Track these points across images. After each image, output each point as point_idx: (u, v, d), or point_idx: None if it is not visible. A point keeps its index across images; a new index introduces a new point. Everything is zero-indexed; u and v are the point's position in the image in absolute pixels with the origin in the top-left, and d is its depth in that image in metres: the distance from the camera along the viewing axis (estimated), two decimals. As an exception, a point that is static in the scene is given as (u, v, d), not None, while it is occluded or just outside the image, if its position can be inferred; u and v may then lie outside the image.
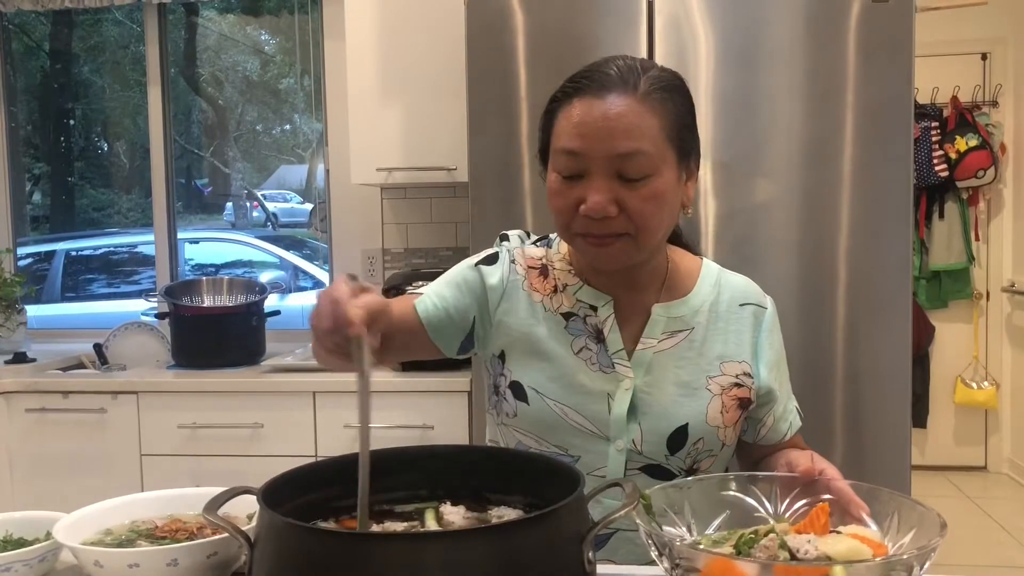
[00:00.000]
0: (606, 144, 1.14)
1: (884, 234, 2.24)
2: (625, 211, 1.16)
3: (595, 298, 1.28)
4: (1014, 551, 3.79)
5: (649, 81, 1.17)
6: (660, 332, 1.27)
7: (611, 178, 1.15)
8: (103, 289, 4.95)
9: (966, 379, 4.82)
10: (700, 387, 1.26)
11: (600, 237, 1.18)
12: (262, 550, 0.88)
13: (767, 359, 1.31)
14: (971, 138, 4.59)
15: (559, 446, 1.26)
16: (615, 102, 1.15)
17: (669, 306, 1.29)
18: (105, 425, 2.78)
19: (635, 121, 1.14)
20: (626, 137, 1.14)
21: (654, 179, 1.16)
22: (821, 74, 2.24)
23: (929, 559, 0.85)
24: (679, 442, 1.24)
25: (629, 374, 1.25)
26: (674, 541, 0.90)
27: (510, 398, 1.28)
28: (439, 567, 0.81)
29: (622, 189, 1.15)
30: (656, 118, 1.16)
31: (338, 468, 1.07)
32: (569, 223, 1.20)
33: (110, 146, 4.76)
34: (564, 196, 1.19)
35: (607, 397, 1.24)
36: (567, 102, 1.19)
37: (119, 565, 1.03)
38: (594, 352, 1.26)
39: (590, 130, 1.15)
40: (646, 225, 1.17)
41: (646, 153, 1.15)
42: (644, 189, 1.15)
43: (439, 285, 1.33)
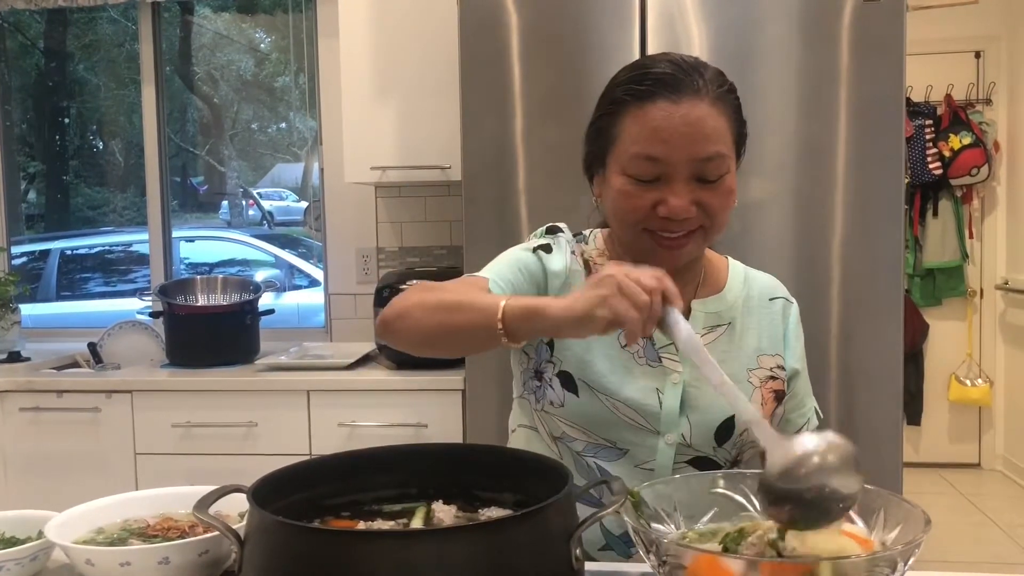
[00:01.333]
0: (688, 150, 1.16)
1: (877, 232, 2.25)
2: (702, 207, 1.18)
3: None
4: (1007, 547, 3.80)
5: (714, 82, 1.19)
6: (700, 327, 1.29)
7: (690, 181, 1.17)
8: (99, 288, 4.94)
9: (960, 376, 4.84)
10: (742, 379, 1.28)
11: (674, 238, 1.20)
12: (252, 549, 0.88)
13: (794, 351, 1.35)
14: (965, 136, 4.61)
15: (608, 439, 1.27)
16: (693, 106, 1.16)
17: (706, 302, 1.31)
18: (99, 424, 2.78)
19: (713, 125, 1.17)
20: (707, 142, 1.16)
21: (727, 177, 1.20)
22: (813, 73, 2.24)
23: (913, 555, 0.86)
24: (726, 434, 1.26)
25: (678, 368, 1.27)
26: (662, 538, 0.91)
27: (557, 387, 1.28)
28: (428, 565, 0.82)
29: (701, 190, 1.18)
30: (726, 119, 1.19)
31: (329, 467, 1.08)
32: (642, 220, 1.20)
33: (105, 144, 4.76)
34: (639, 198, 1.19)
35: (656, 392, 1.25)
36: (636, 105, 1.19)
37: (110, 564, 1.04)
38: (641, 347, 1.27)
39: (671, 135, 1.16)
40: (720, 219, 1.21)
41: (724, 155, 1.18)
42: (721, 187, 1.19)
43: (501, 268, 1.29)
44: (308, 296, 4.39)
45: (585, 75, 2.31)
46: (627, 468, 1.26)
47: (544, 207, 2.37)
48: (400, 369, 2.78)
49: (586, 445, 1.28)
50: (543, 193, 2.37)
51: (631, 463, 1.27)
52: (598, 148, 1.26)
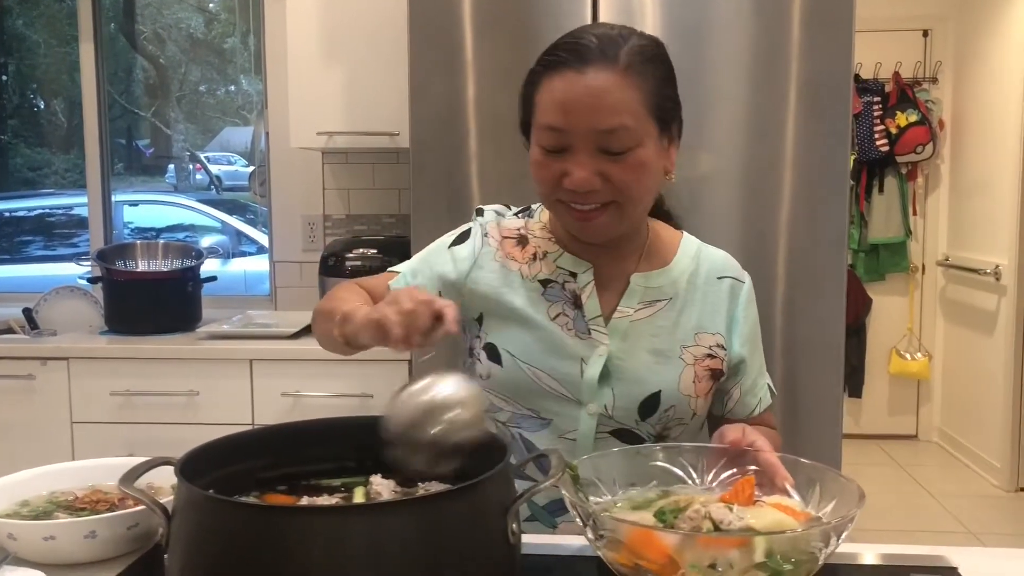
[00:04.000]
0: (589, 120, 1.14)
1: (822, 208, 2.26)
2: (609, 182, 1.17)
3: (575, 265, 1.30)
4: (940, 516, 3.91)
5: (630, 52, 1.16)
6: (637, 302, 1.29)
7: (594, 152, 1.16)
8: (39, 252, 4.82)
9: (900, 350, 4.94)
10: (674, 356, 1.27)
11: (585, 211, 1.19)
12: (180, 523, 0.86)
13: (741, 332, 1.33)
14: (911, 114, 4.67)
15: (532, 409, 1.27)
16: (597, 77, 1.14)
17: (648, 276, 1.30)
18: (34, 392, 2.71)
19: (618, 96, 1.14)
20: (609, 113, 1.14)
21: (637, 150, 1.17)
22: (764, 47, 2.24)
23: (847, 529, 0.87)
24: (651, 408, 1.25)
25: (604, 340, 1.26)
26: (599, 512, 0.91)
27: (484, 359, 1.29)
28: (362, 540, 0.80)
29: (606, 162, 1.16)
30: (637, 91, 1.16)
31: (263, 439, 1.06)
32: (552, 192, 1.21)
33: (46, 104, 4.61)
34: (547, 168, 1.19)
35: (580, 361, 1.25)
36: (548, 76, 1.18)
37: (34, 538, 1.01)
38: (571, 318, 1.27)
39: (573, 106, 1.14)
40: (631, 194, 1.19)
41: (629, 128, 1.15)
42: (628, 160, 1.16)
43: (416, 263, 1.36)
44: (255, 263, 4.32)
45: (537, 42, 2.25)
46: (550, 438, 1.27)
47: (494, 175, 2.34)
48: (346, 338, 2.74)
49: (511, 415, 1.29)
50: (493, 161, 2.34)
51: (554, 433, 1.26)
52: (523, 117, 1.27)
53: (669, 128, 1.22)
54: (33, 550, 1.02)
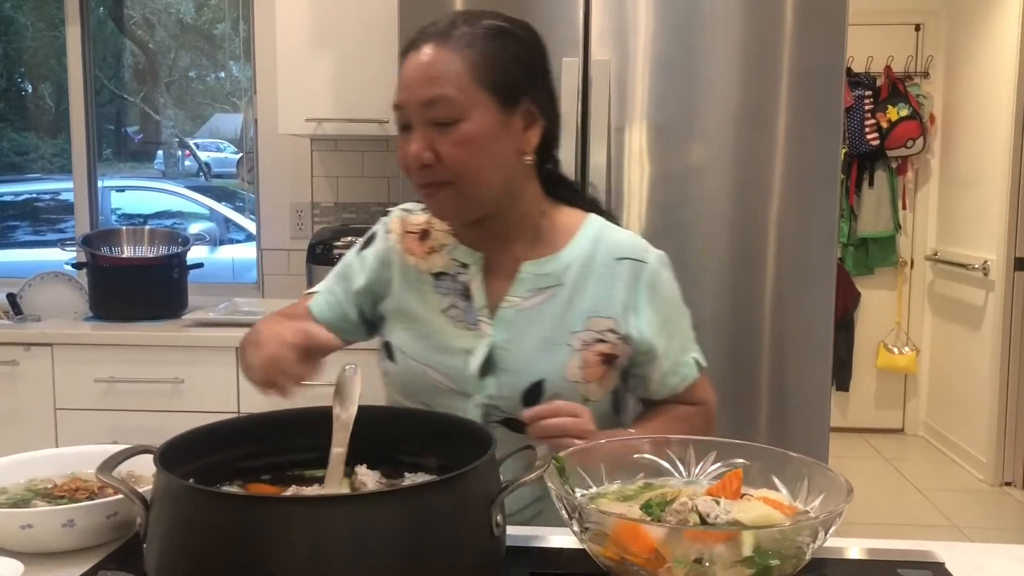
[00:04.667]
0: (417, 92, 1.17)
1: (813, 201, 2.26)
2: (441, 158, 1.18)
3: (467, 256, 1.30)
4: (925, 510, 3.93)
5: (465, 27, 1.19)
6: (526, 290, 1.27)
7: (426, 126, 1.18)
8: (26, 236, 4.78)
9: (888, 344, 4.95)
10: (560, 343, 1.25)
11: (427, 187, 1.21)
12: (158, 513, 0.84)
13: (648, 317, 1.29)
14: (902, 108, 4.67)
15: (424, 403, 1.28)
16: (426, 52, 1.18)
17: (539, 263, 1.28)
18: (17, 378, 2.68)
19: (440, 68, 1.17)
20: (431, 83, 1.17)
21: (463, 124, 1.17)
22: (757, 39, 2.23)
23: (835, 524, 0.86)
24: (534, 397, 1.24)
25: (489, 331, 1.26)
26: (585, 504, 0.90)
27: (383, 358, 1.34)
28: (345, 531, 0.79)
29: (436, 136, 1.17)
30: (463, 63, 1.17)
31: (244, 428, 1.05)
32: (406, 174, 1.23)
33: (34, 88, 4.57)
34: (401, 150, 1.22)
35: (466, 354, 1.25)
36: (403, 61, 1.22)
37: (11, 527, 0.99)
38: (461, 309, 1.28)
39: (407, 82, 1.19)
40: (464, 171, 1.18)
41: (450, 97, 1.16)
42: (454, 134, 1.17)
43: (330, 280, 1.39)
44: (243, 251, 4.30)
45: (528, 31, 2.26)
46: None
47: (483, 166, 2.33)
48: (333, 327, 2.73)
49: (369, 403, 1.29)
50: (482, 151, 2.33)
51: None
52: None
53: (516, 105, 1.20)
54: (10, 538, 1.00)
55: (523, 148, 1.23)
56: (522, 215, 1.28)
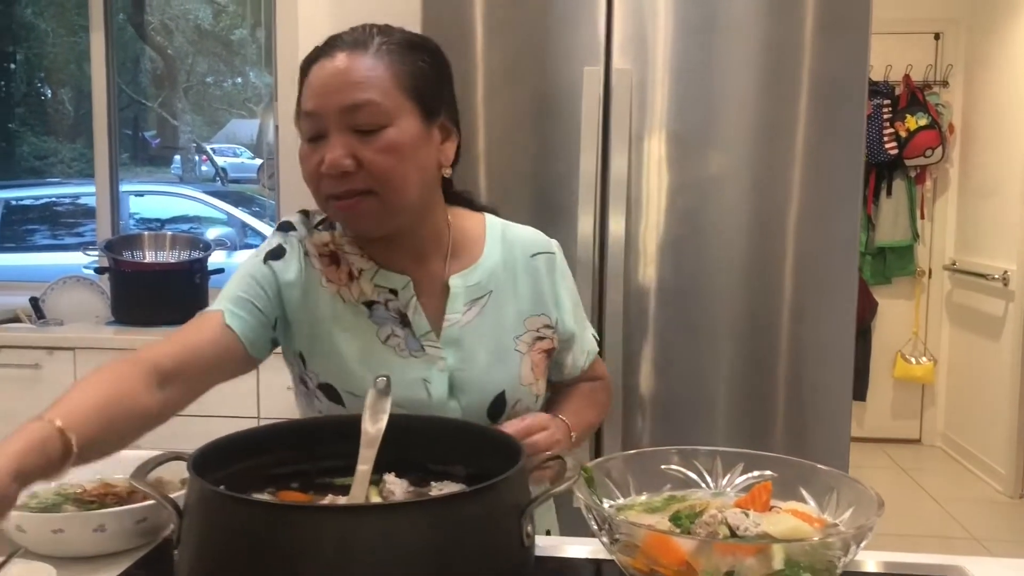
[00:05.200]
0: (336, 98, 1.12)
1: (833, 210, 2.25)
2: (363, 166, 1.13)
3: (393, 281, 1.23)
4: (943, 522, 3.90)
5: (383, 39, 1.17)
6: (462, 304, 1.24)
7: (346, 133, 1.12)
8: (45, 240, 4.82)
9: (905, 354, 4.93)
10: (509, 350, 1.25)
11: (344, 197, 1.14)
12: (191, 520, 0.85)
13: (566, 305, 1.31)
14: (921, 117, 4.65)
15: None
16: (344, 59, 1.14)
17: (464, 275, 1.25)
18: (39, 381, 2.71)
19: (365, 73, 1.13)
20: (354, 89, 1.12)
21: (389, 130, 1.13)
22: (778, 48, 2.23)
23: (866, 537, 0.86)
24: (499, 409, 1.23)
25: (441, 355, 1.22)
26: (614, 515, 0.90)
27: (323, 398, 1.23)
28: (375, 541, 0.79)
29: (358, 143, 1.12)
30: (387, 70, 1.14)
31: (276, 435, 1.05)
32: (318, 188, 1.17)
33: (54, 93, 4.61)
34: (309, 160, 1.15)
35: (424, 383, 1.21)
36: (307, 71, 1.18)
37: (43, 531, 1.00)
38: (401, 338, 1.22)
39: (322, 89, 1.14)
40: (388, 180, 1.13)
41: (376, 103, 1.12)
42: (379, 141, 1.12)
43: (233, 292, 1.22)
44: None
45: (548, 42, 2.26)
46: None
47: (503, 173, 2.33)
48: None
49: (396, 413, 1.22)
50: (501, 159, 2.33)
51: None
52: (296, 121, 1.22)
53: (436, 118, 1.19)
54: (41, 542, 1.02)
55: (441, 161, 1.21)
56: (435, 229, 1.25)
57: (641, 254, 2.26)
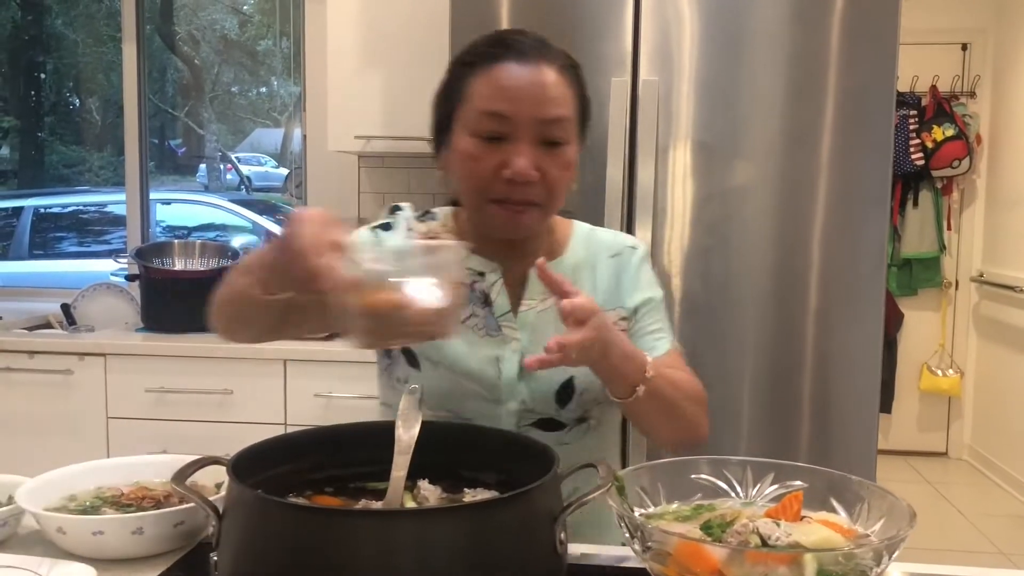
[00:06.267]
0: (534, 110, 1.16)
1: (860, 222, 2.25)
2: (543, 178, 1.18)
3: (483, 265, 1.29)
4: (970, 536, 3.86)
5: (562, 55, 1.22)
6: (539, 293, 1.28)
7: (534, 143, 1.17)
8: (73, 248, 4.88)
9: (932, 366, 4.89)
10: None
11: (517, 205, 1.19)
12: (231, 523, 0.87)
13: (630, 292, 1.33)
14: (948, 128, 4.62)
15: (451, 411, 1.27)
16: (540, 69, 1.18)
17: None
18: (71, 387, 2.74)
19: (560, 89, 1.19)
20: (552, 103, 1.17)
21: (569, 147, 1.20)
22: (804, 58, 2.23)
23: (898, 548, 0.86)
24: (567, 395, 1.26)
25: (516, 335, 1.27)
26: (646, 524, 0.90)
27: (403, 364, 1.30)
28: (410, 545, 0.81)
29: (543, 155, 1.18)
30: (571, 90, 1.21)
31: (311, 440, 1.07)
32: (486, 189, 1.19)
33: (82, 102, 4.68)
34: (483, 160, 1.18)
35: (496, 361, 1.26)
36: (484, 66, 1.20)
37: (83, 532, 1.02)
38: (481, 317, 1.28)
39: (520, 93, 1.16)
40: (557, 194, 1.21)
41: (569, 119, 1.19)
42: (562, 156, 1.19)
43: None
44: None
45: (576, 52, 2.26)
46: None
47: (530, 183, 2.35)
48: (378, 341, 2.76)
49: (431, 417, 1.26)
50: (529, 169, 2.35)
51: None
52: (445, 112, 1.25)
53: (584, 134, 1.26)
54: (81, 544, 1.03)
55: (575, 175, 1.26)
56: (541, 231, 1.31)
57: (667, 264, 2.26)
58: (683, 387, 1.25)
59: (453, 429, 1.11)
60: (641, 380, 1.15)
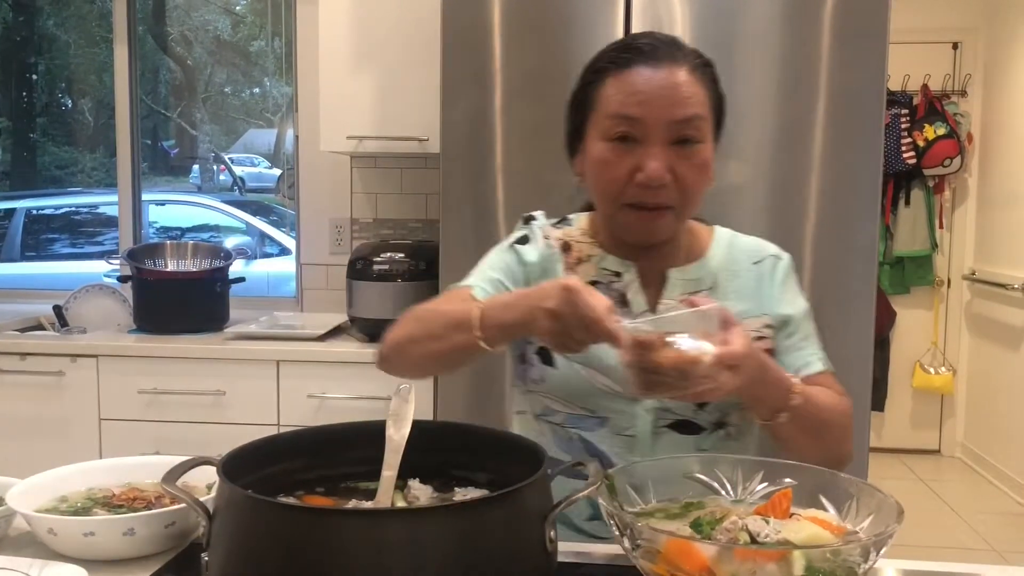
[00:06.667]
0: (666, 112, 1.18)
1: (851, 221, 2.26)
2: (677, 180, 1.19)
3: (618, 265, 1.30)
4: (963, 533, 3.88)
5: (694, 55, 1.23)
6: (678, 294, 1.29)
7: (667, 146, 1.18)
8: (65, 249, 4.87)
9: (924, 364, 4.91)
10: None
11: (651, 209, 1.20)
12: (221, 523, 0.87)
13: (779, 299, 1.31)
14: (939, 127, 4.64)
15: (587, 408, 1.27)
16: (671, 71, 1.19)
17: (685, 269, 1.31)
18: (63, 388, 2.74)
19: (692, 89, 1.19)
20: (684, 104, 1.18)
21: (703, 147, 1.21)
22: (795, 58, 2.24)
23: (886, 544, 0.86)
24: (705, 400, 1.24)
25: None
26: (635, 522, 0.91)
27: (537, 363, 1.29)
28: (400, 544, 0.81)
29: (675, 157, 1.19)
30: (704, 88, 1.21)
31: (301, 441, 1.07)
32: (620, 193, 1.21)
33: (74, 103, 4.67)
34: (616, 165, 1.20)
35: None
36: (615, 72, 1.21)
37: (74, 534, 1.02)
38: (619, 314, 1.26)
39: (650, 96, 1.18)
40: (692, 196, 1.21)
41: (702, 118, 1.20)
42: (696, 156, 1.20)
43: (484, 272, 1.32)
44: (279, 264, 4.35)
45: (567, 53, 2.28)
46: (608, 436, 1.26)
47: (521, 184, 2.35)
48: (372, 342, 2.76)
49: (566, 416, 1.28)
50: (520, 169, 2.35)
51: (612, 431, 1.26)
52: (578, 118, 1.27)
53: (719, 131, 1.26)
54: (72, 545, 1.03)
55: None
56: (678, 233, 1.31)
57: (659, 263, 2.27)
58: (829, 410, 1.24)
59: (444, 429, 1.12)
60: (785, 407, 1.15)
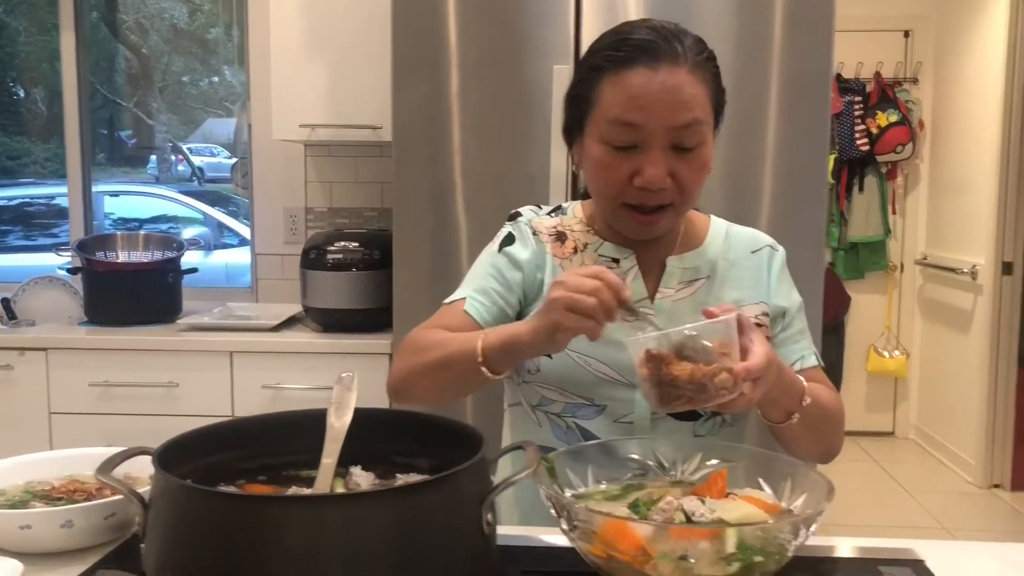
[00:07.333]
0: (666, 117, 1.16)
1: (801, 206, 2.29)
2: (677, 180, 1.19)
3: (617, 252, 1.31)
4: (914, 512, 3.96)
5: (693, 50, 1.20)
6: (676, 282, 1.30)
7: (666, 149, 1.18)
8: (19, 241, 4.78)
9: (879, 348, 4.99)
10: None
11: (650, 212, 1.21)
12: (156, 513, 0.86)
13: (777, 291, 1.33)
14: (892, 114, 4.71)
15: (584, 396, 1.27)
16: (671, 73, 1.17)
17: (683, 258, 1.31)
18: (12, 382, 2.70)
19: (691, 92, 1.17)
20: (684, 109, 1.16)
21: (703, 147, 1.20)
22: (746, 46, 2.26)
23: (815, 522, 0.88)
24: None
25: (653, 320, 1.24)
26: (573, 504, 0.92)
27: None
28: (340, 529, 0.81)
29: (675, 159, 1.18)
30: (705, 87, 1.20)
31: (240, 430, 1.07)
32: (619, 194, 1.21)
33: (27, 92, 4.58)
34: (615, 169, 1.20)
35: None
36: (613, 71, 1.19)
37: (9, 527, 1.01)
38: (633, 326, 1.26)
39: (649, 102, 1.16)
40: (691, 193, 1.22)
41: (701, 121, 1.18)
42: (696, 158, 1.20)
43: (476, 281, 1.32)
44: (237, 255, 4.30)
45: (521, 36, 2.28)
46: (606, 423, 1.26)
47: (478, 169, 2.35)
48: (326, 332, 2.75)
49: (564, 406, 1.28)
50: (476, 155, 2.35)
51: (610, 418, 1.26)
52: (576, 114, 1.26)
53: (719, 123, 1.26)
54: (9, 539, 1.02)
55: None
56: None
57: (612, 250, 2.28)
58: (830, 409, 1.27)
59: (387, 416, 1.12)
60: (797, 408, 1.17)
